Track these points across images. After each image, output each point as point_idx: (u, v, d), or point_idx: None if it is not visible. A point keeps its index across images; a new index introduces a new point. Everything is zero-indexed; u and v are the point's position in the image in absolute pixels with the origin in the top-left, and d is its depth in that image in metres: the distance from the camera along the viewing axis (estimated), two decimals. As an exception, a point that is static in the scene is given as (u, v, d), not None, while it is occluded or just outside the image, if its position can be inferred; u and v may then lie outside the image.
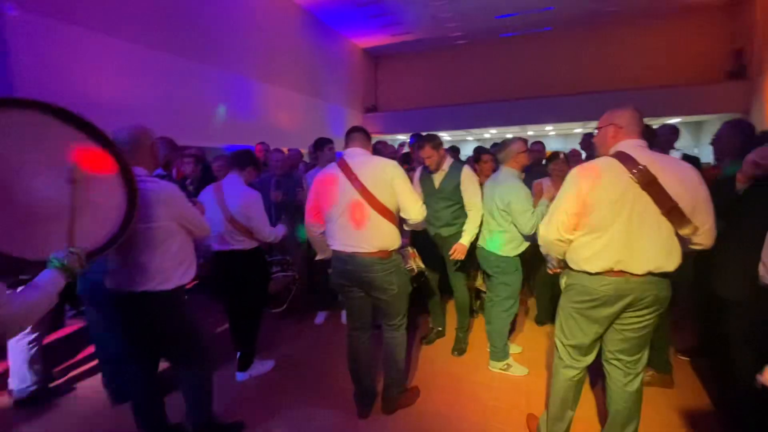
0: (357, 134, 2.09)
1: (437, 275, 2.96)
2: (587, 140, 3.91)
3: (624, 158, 1.49)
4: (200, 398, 1.92)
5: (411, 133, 4.45)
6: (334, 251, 2.09)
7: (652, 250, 1.47)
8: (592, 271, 1.56)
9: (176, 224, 1.69)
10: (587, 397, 2.24)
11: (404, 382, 2.25)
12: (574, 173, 1.60)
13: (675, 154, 3.10)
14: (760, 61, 8.64)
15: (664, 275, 1.51)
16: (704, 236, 1.48)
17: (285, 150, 3.88)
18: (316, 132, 3.99)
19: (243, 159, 2.50)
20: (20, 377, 2.30)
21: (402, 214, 2.01)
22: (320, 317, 3.52)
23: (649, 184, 1.43)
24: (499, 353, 2.60)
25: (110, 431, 2.13)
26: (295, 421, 2.18)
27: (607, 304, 1.56)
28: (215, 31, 7.08)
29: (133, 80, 5.48)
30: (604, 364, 1.76)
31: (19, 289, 1.10)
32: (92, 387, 2.51)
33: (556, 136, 15.01)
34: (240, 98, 7.83)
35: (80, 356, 2.91)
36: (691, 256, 1.65)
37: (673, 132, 3.15)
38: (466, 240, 2.61)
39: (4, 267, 1.16)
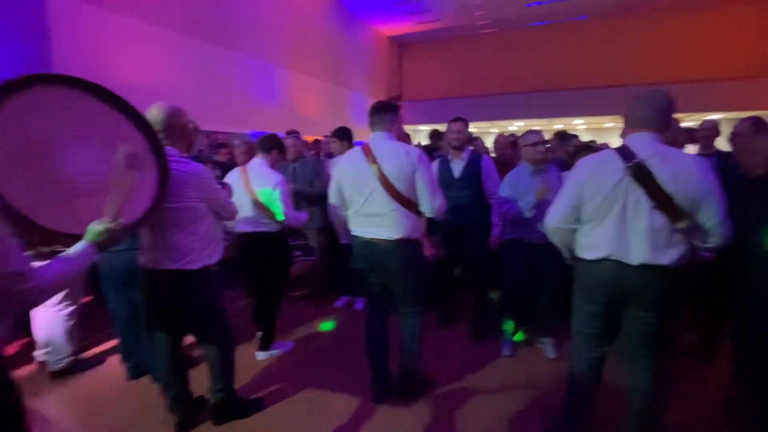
0: (385, 116, 1.99)
1: (454, 263, 2.99)
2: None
3: (624, 151, 1.52)
4: (222, 374, 1.98)
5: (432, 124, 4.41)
6: (354, 236, 2.10)
7: (646, 242, 1.49)
8: (590, 259, 1.62)
9: (205, 205, 1.73)
10: (608, 401, 2.19)
11: (420, 370, 2.25)
12: (576, 165, 1.67)
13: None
14: (814, 54, 8.06)
15: (662, 269, 1.50)
16: (711, 234, 1.47)
17: (309, 138, 3.90)
18: (338, 120, 3.99)
19: (268, 143, 2.54)
20: (56, 349, 2.39)
21: (420, 207, 2.00)
22: (341, 302, 3.57)
23: (643, 177, 1.45)
24: None
25: (135, 404, 2.23)
26: (313, 403, 2.22)
27: (604, 292, 1.61)
28: (243, 18, 7.15)
29: (164, 64, 5.62)
30: (624, 359, 1.74)
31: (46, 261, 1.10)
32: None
33: (587, 130, 14.51)
34: (265, 84, 7.91)
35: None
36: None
37: (712, 127, 3.06)
38: (498, 231, 2.68)
39: (38, 238, 1.21)
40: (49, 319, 2.37)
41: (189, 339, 2.07)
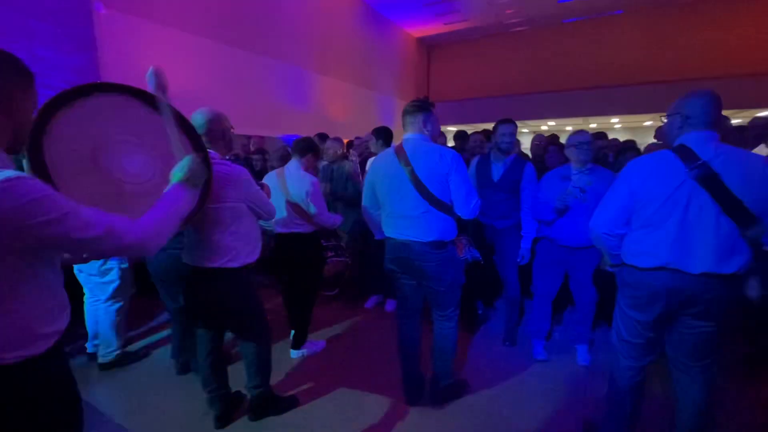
0: (417, 116, 1.95)
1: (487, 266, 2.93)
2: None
3: (684, 152, 1.42)
4: (259, 371, 2.04)
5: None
6: (387, 237, 2.10)
7: (710, 250, 1.39)
8: (644, 267, 1.52)
9: (245, 206, 1.79)
10: (650, 412, 2.09)
11: (453, 374, 2.23)
12: (628, 167, 1.57)
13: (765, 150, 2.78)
14: None
15: (724, 278, 1.40)
16: None
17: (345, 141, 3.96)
18: (367, 123, 4.04)
19: (303, 146, 2.58)
20: (105, 342, 2.52)
21: (455, 209, 1.97)
22: (371, 302, 3.58)
23: (709, 180, 1.35)
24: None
25: (177, 398, 2.32)
26: (345, 402, 2.24)
27: (658, 302, 1.51)
28: (274, 24, 7.34)
29: (199, 71, 5.86)
30: (672, 370, 1.65)
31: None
32: (167, 353, 2.73)
33: (623, 129, 13.93)
34: (296, 88, 8.07)
35: (156, 323, 3.21)
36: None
37: (764, 125, 2.87)
38: (528, 243, 2.60)
39: None
40: (99, 314, 2.51)
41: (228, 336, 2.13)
